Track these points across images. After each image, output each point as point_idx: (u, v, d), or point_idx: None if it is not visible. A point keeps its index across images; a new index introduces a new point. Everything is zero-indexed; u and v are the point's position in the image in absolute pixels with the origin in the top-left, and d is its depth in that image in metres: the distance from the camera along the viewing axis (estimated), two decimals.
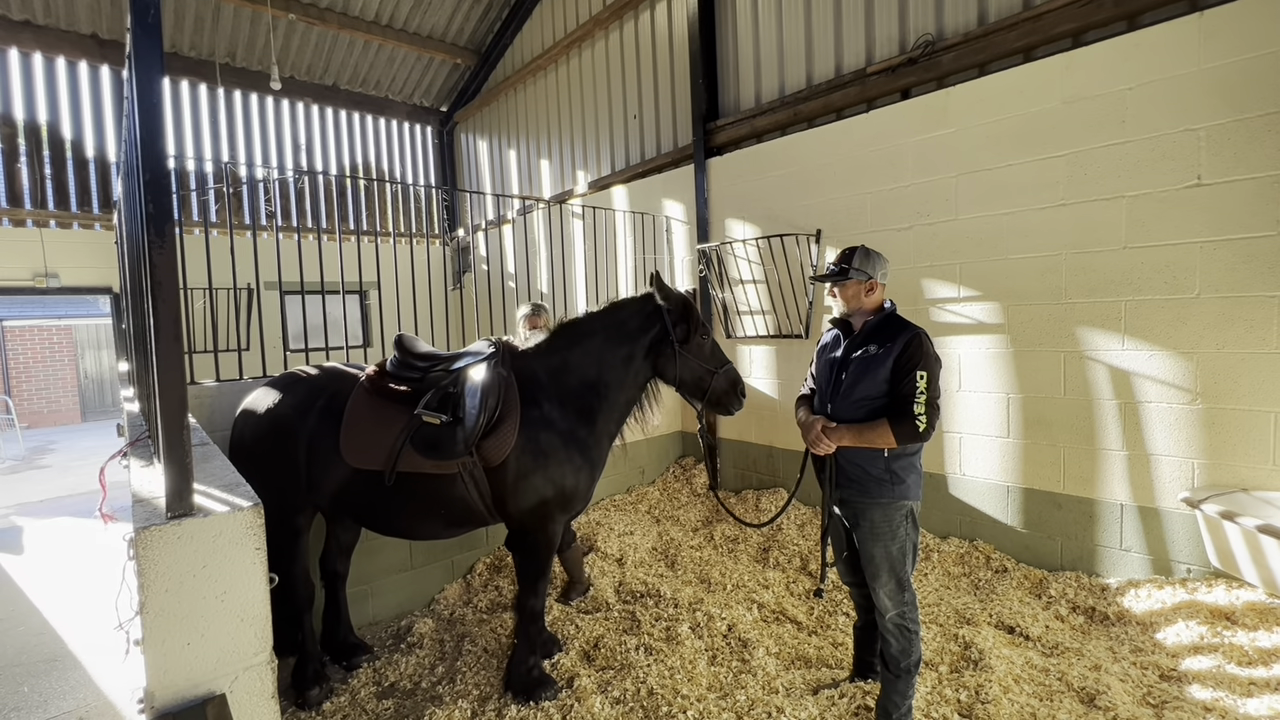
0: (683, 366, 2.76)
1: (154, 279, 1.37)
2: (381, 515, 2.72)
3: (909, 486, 2.34)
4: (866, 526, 2.38)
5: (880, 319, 2.43)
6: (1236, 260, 3.02)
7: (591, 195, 7.06)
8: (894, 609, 2.36)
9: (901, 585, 2.36)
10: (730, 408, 2.85)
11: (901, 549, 2.35)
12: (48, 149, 7.24)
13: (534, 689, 2.70)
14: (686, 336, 2.77)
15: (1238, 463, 3.06)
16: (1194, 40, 3.10)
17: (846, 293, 2.47)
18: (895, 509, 2.34)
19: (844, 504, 2.46)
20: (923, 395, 2.22)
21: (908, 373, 2.25)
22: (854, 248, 2.48)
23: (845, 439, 2.34)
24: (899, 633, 2.36)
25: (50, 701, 2.96)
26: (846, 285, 2.45)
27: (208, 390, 3.25)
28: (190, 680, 1.37)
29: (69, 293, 7.35)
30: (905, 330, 2.35)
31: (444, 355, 2.81)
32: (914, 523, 2.39)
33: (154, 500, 1.52)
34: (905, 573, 2.36)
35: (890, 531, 2.34)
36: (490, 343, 2.78)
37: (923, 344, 2.29)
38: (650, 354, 2.81)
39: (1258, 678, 2.52)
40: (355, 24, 8.01)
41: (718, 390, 2.79)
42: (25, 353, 13.27)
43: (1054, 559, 3.66)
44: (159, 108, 1.37)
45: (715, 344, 2.88)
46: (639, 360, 2.81)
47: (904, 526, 2.35)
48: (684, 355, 2.76)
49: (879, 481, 2.34)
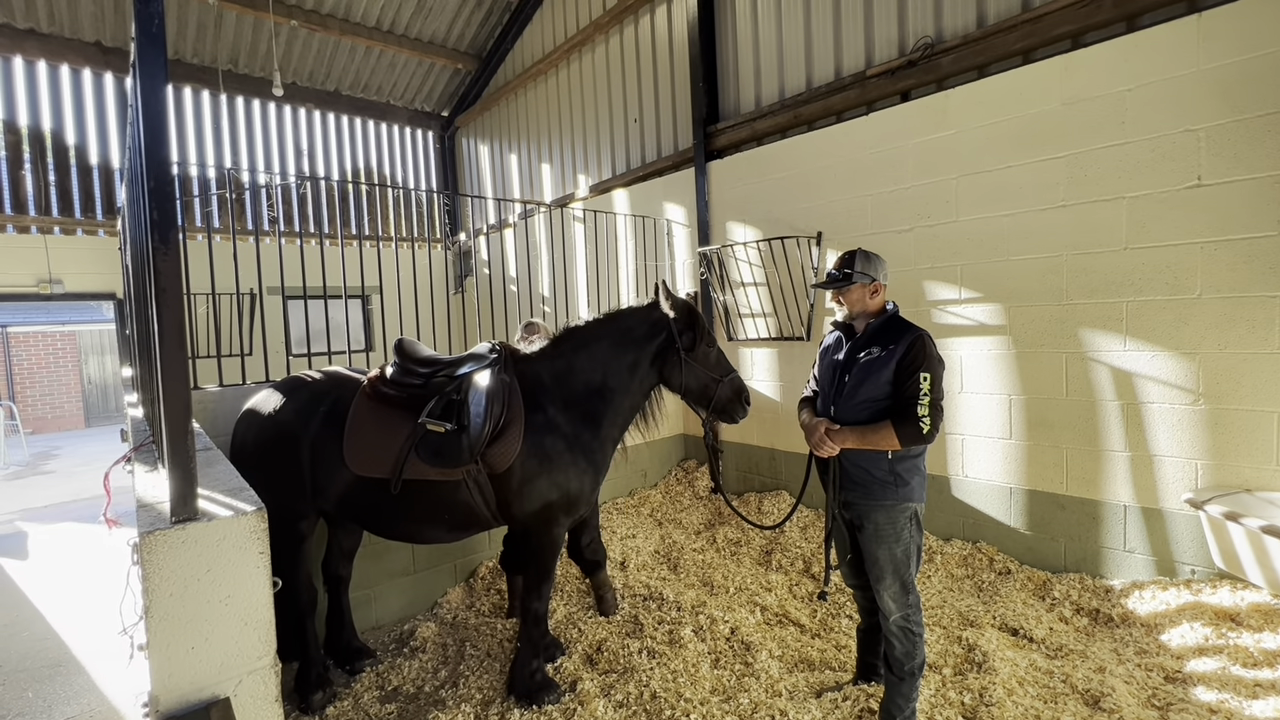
0: (688, 375, 2.77)
1: (158, 285, 1.38)
2: (385, 520, 2.72)
3: (913, 489, 2.33)
4: (870, 529, 2.36)
5: (883, 321, 2.41)
6: (1237, 261, 3.02)
7: (592, 199, 7.07)
8: (898, 611, 2.35)
9: (906, 588, 2.34)
10: (735, 416, 2.85)
11: (906, 551, 2.34)
12: (52, 155, 7.28)
13: (537, 692, 2.70)
14: (692, 345, 2.77)
15: (1241, 463, 3.06)
16: (1193, 41, 3.10)
17: (851, 297, 2.45)
18: (899, 511, 2.33)
19: (848, 506, 2.44)
20: (926, 397, 2.21)
21: (911, 374, 2.24)
22: (853, 251, 2.45)
23: (849, 441, 2.34)
24: (903, 635, 2.34)
25: (54, 707, 2.96)
26: (850, 290, 2.44)
27: (211, 395, 3.26)
28: (194, 684, 1.38)
29: (73, 299, 7.39)
30: (908, 332, 2.33)
31: (446, 360, 2.79)
32: (918, 525, 2.37)
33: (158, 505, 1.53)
34: (909, 575, 2.35)
35: (894, 534, 2.33)
36: (492, 347, 2.78)
37: (926, 346, 2.28)
38: (656, 361, 2.82)
39: (1263, 679, 2.51)
40: (356, 30, 8.06)
41: (723, 399, 2.80)
42: (30, 359, 13.32)
43: (1057, 561, 3.65)
44: (163, 115, 1.38)
45: (720, 353, 2.88)
46: (644, 367, 2.81)
47: (908, 529, 2.34)
48: (689, 363, 2.76)
49: (883, 484, 2.33)
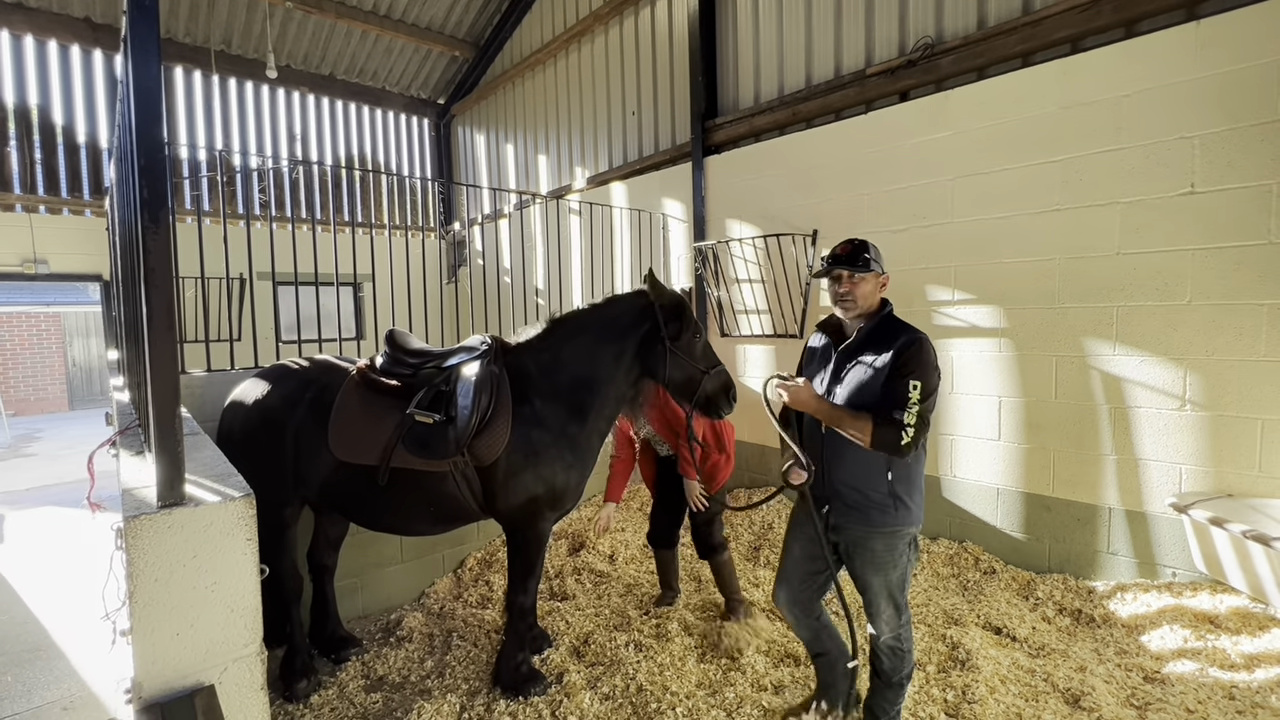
0: (673, 365, 2.66)
1: (147, 265, 1.35)
2: (368, 510, 2.70)
3: (913, 512, 2.13)
4: (866, 556, 2.16)
5: (877, 323, 2.17)
6: (1227, 268, 3.05)
7: (589, 191, 7.04)
8: (889, 632, 2.21)
9: (899, 609, 2.20)
10: (720, 410, 2.73)
11: (901, 576, 2.17)
12: (38, 133, 7.14)
13: (523, 684, 2.69)
14: (678, 334, 2.67)
15: (1224, 468, 3.09)
16: (1191, 49, 3.12)
17: (864, 288, 2.14)
18: (899, 537, 2.13)
19: (837, 530, 2.22)
20: (915, 406, 1.97)
21: (901, 378, 2.02)
22: (863, 239, 2.18)
23: (819, 410, 2.10)
24: (892, 654, 2.23)
25: (34, 691, 2.93)
26: (865, 280, 2.13)
27: (199, 380, 3.22)
28: (179, 671, 1.36)
29: (58, 279, 7.26)
30: (904, 333, 2.11)
31: (436, 351, 2.77)
32: (915, 547, 2.22)
33: (144, 489, 1.51)
34: (903, 597, 2.20)
35: (892, 561, 2.14)
36: (482, 339, 2.76)
37: (922, 350, 2.04)
38: (640, 351, 2.72)
39: (1240, 681, 2.55)
40: (353, 13, 7.95)
41: (707, 391, 2.68)
42: (13, 339, 13.12)
43: (1042, 561, 3.69)
44: (154, 92, 1.36)
45: (708, 344, 2.79)
46: (629, 357, 2.72)
47: (906, 554, 2.16)
48: (674, 353, 2.66)
49: (882, 508, 2.11)
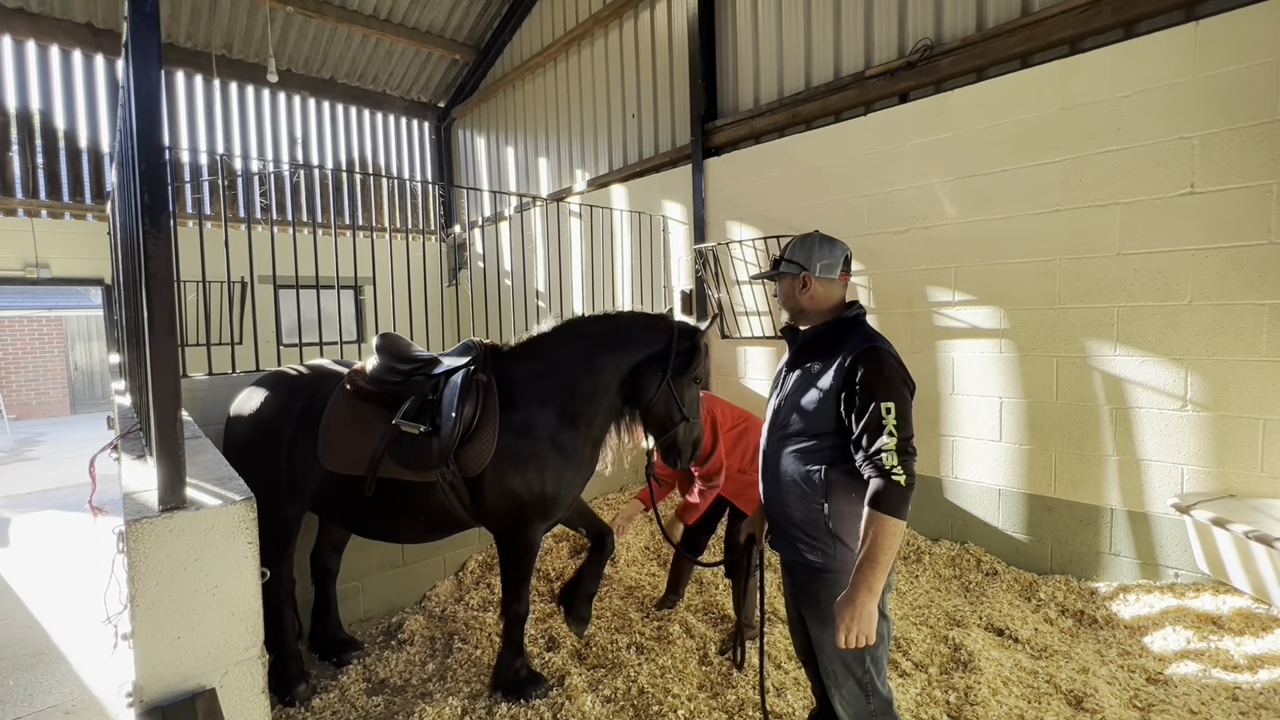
0: (660, 397, 2.57)
1: (148, 270, 1.36)
2: (360, 519, 2.70)
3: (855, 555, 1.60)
4: (810, 606, 1.72)
5: (825, 327, 1.80)
6: (1228, 268, 3.05)
7: (589, 194, 7.05)
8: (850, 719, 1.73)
9: (866, 691, 1.68)
10: (679, 459, 2.62)
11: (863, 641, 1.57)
12: (40, 138, 7.17)
13: (524, 687, 2.69)
14: (682, 370, 2.59)
15: (1226, 469, 3.09)
16: (1190, 49, 3.12)
17: (783, 290, 1.89)
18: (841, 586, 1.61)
19: (789, 571, 1.86)
20: (891, 438, 1.54)
21: (866, 404, 1.59)
22: (798, 238, 1.90)
23: (871, 593, 1.54)
24: None
25: (36, 695, 2.93)
26: (781, 282, 1.89)
27: (200, 383, 3.23)
28: (180, 674, 1.36)
29: (60, 283, 7.29)
30: (856, 339, 1.69)
31: (426, 358, 2.72)
32: (885, 618, 1.66)
33: (145, 493, 1.51)
34: (869, 674, 1.67)
35: None
36: (469, 344, 2.70)
37: (882, 362, 1.62)
38: (638, 369, 2.62)
39: (1243, 683, 2.54)
40: (354, 18, 7.97)
41: (678, 438, 2.58)
42: (14, 343, 13.15)
43: (1044, 562, 3.68)
44: (156, 96, 1.36)
45: (699, 397, 2.70)
46: (626, 369, 2.64)
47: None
48: (668, 386, 2.57)
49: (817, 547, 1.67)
